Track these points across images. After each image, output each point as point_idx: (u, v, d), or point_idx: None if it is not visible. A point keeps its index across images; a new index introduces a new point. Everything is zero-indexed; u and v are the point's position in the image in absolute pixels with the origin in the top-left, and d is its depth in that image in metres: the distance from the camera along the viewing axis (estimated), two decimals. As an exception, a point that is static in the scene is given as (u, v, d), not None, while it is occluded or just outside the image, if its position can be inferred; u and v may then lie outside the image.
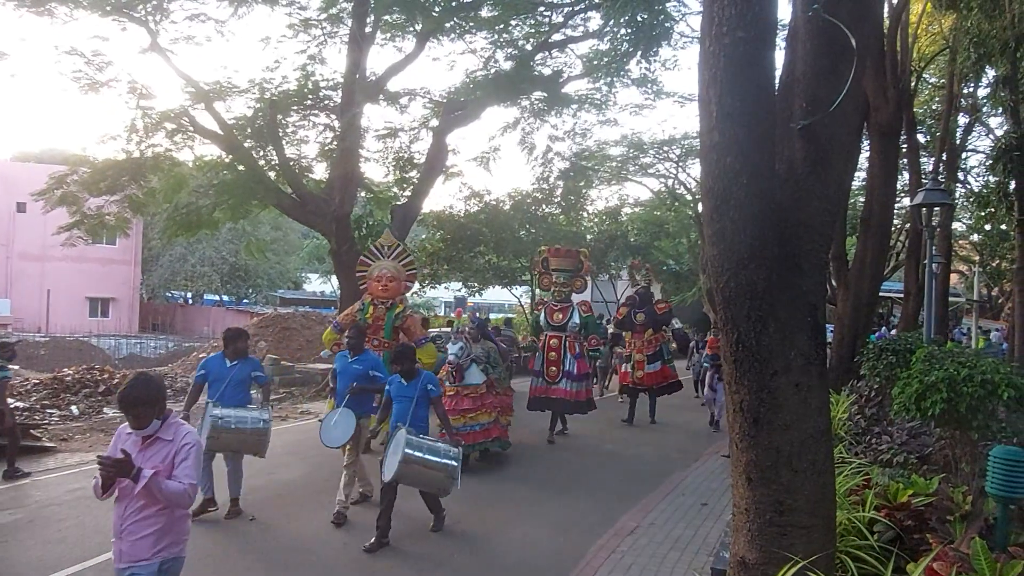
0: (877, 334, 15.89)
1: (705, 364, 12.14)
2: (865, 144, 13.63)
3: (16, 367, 14.04)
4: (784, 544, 3.48)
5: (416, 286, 25.80)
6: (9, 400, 10.56)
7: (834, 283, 12.93)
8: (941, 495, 4.71)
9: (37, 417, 10.82)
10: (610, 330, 14.16)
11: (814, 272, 3.63)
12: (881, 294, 19.68)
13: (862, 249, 12.00)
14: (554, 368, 10.84)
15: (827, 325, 14.07)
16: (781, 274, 3.49)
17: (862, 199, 15.96)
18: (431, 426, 6.38)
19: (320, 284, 50.14)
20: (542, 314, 11.25)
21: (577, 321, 10.91)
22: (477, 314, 12.74)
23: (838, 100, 3.61)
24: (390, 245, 10.18)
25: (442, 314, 41.17)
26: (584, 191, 24.66)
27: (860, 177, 18.72)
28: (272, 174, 14.45)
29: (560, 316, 10.99)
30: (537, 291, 33.00)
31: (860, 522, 4.42)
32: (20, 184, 29.81)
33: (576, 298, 11.49)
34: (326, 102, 14.76)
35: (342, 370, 7.27)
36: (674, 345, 13.45)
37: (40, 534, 6.16)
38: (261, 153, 14.34)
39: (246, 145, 13.90)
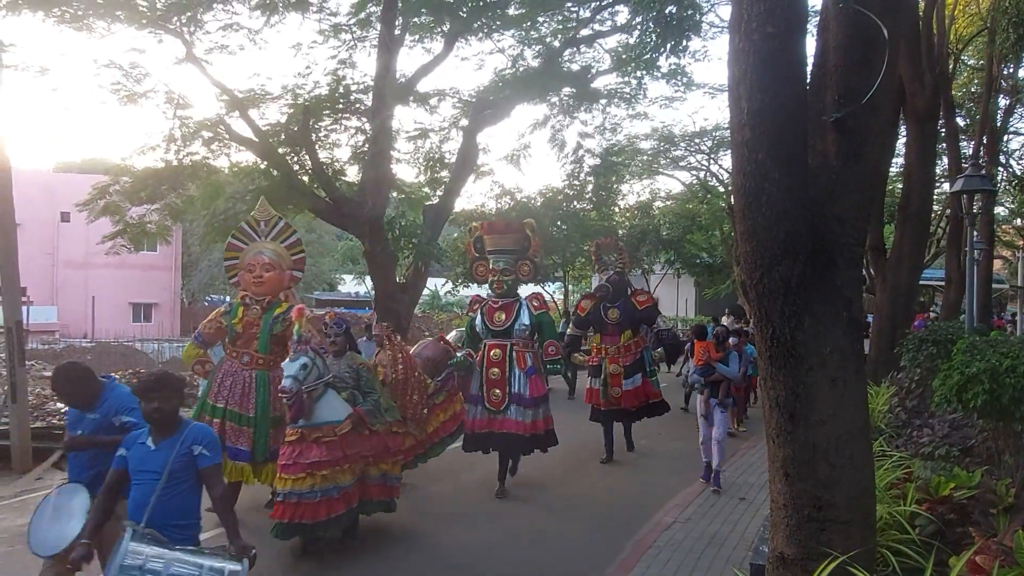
0: (918, 322, 15.56)
1: (694, 379, 8.28)
2: (902, 130, 13.39)
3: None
4: (823, 540, 3.49)
5: (448, 284, 26.13)
6: (60, 405, 10.96)
7: (872, 273, 12.72)
8: (984, 488, 4.65)
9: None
10: (568, 331, 10.32)
11: (849, 266, 3.62)
12: (922, 282, 19.30)
13: (900, 238, 11.80)
14: (498, 391, 7.68)
15: (868, 316, 13.69)
16: (815, 269, 3.48)
17: (900, 186, 15.64)
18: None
19: (355, 285, 50.72)
20: (478, 316, 8.04)
21: (527, 322, 7.87)
22: (340, 314, 8.92)
23: (871, 91, 3.58)
24: (267, 220, 7.26)
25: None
26: (615, 186, 24.56)
27: (898, 163, 18.35)
28: (306, 178, 14.68)
29: (503, 317, 7.87)
30: (550, 285, 32.85)
31: (901, 516, 4.39)
32: (63, 194, 30.68)
33: (524, 291, 8.63)
34: (357, 105, 14.93)
35: (74, 421, 4.18)
36: (657, 355, 9.90)
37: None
38: (295, 158, 14.57)
39: (280, 151, 14.13)
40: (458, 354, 7.83)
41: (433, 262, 15.90)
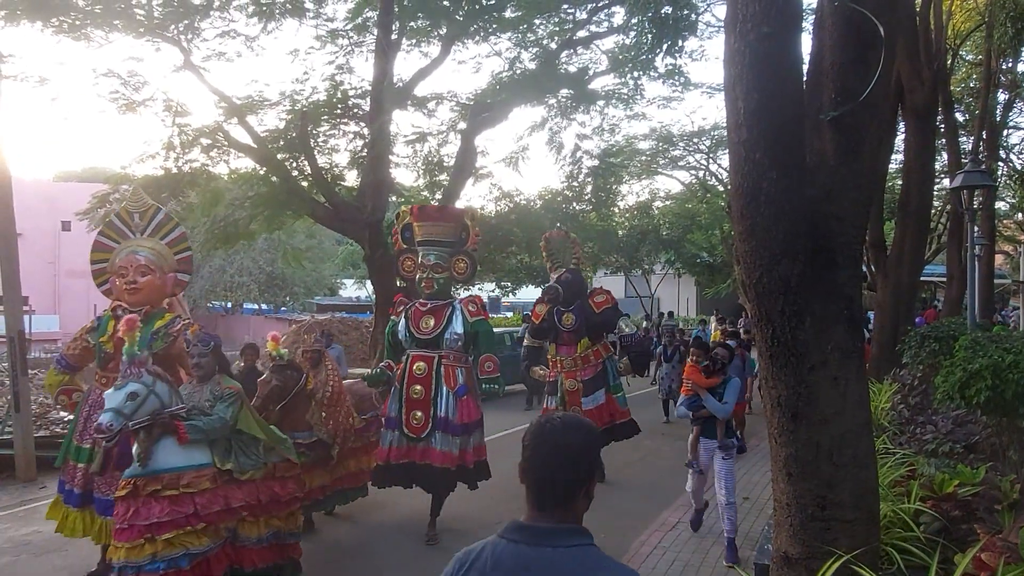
0: (919, 319, 15.54)
1: (681, 412, 6.27)
2: (901, 126, 13.38)
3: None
4: (827, 539, 3.48)
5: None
6: (63, 413, 10.96)
7: (873, 270, 12.70)
8: (988, 484, 4.64)
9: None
10: (525, 343, 8.93)
11: (848, 264, 3.61)
12: (923, 279, 19.28)
13: (901, 234, 11.79)
14: (420, 414, 6.30)
15: (868, 313, 13.67)
16: (815, 268, 3.48)
17: (900, 182, 15.63)
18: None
19: (355, 290, 50.76)
20: (401, 320, 6.63)
21: (459, 331, 6.43)
22: (204, 330, 5.33)
23: (868, 89, 3.58)
24: (142, 212, 5.81)
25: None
26: (614, 187, 24.58)
27: (897, 160, 18.34)
28: (305, 184, 14.71)
29: (431, 323, 6.46)
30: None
31: (905, 514, 4.37)
32: (64, 203, 30.77)
33: (462, 294, 7.63)
34: (355, 110, 14.96)
35: None
36: (622, 365, 8.23)
37: (92, 544, 6.38)
38: (294, 164, 14.60)
39: (279, 157, 14.17)
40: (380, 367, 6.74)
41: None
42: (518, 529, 1.66)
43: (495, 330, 9.12)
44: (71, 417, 6.11)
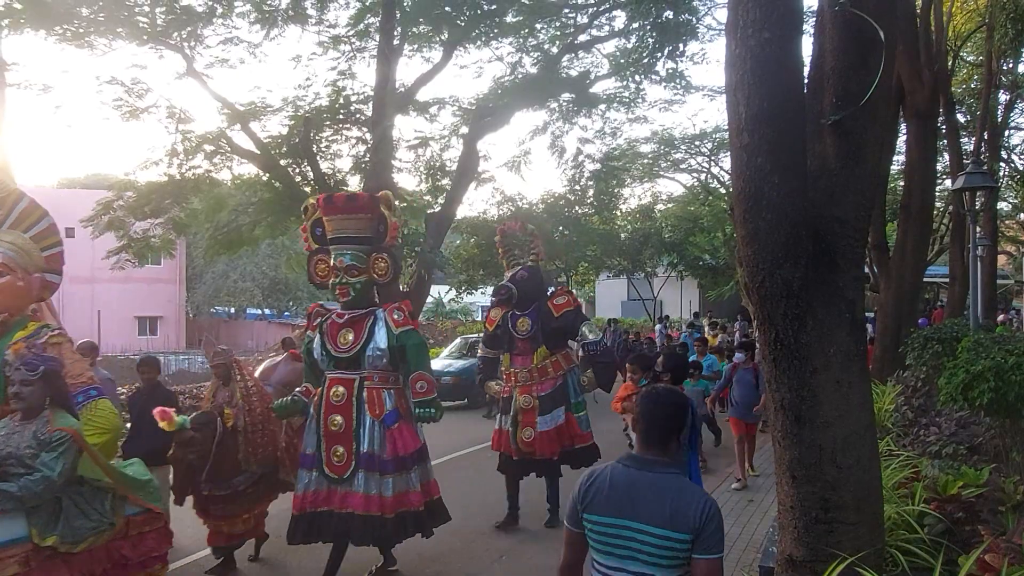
0: (922, 320, 15.54)
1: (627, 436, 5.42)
2: (902, 128, 13.39)
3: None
4: (831, 541, 3.49)
5: (452, 292, 26.20)
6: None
7: (875, 271, 12.70)
8: (992, 486, 4.65)
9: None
10: (479, 353, 7.81)
11: (851, 267, 3.63)
12: (926, 279, 19.28)
13: (903, 236, 11.79)
14: (341, 449, 5.23)
15: (869, 314, 13.69)
16: (817, 271, 3.50)
17: (902, 184, 15.64)
18: None
19: (358, 294, 50.90)
20: (316, 337, 5.51)
21: (383, 346, 5.32)
22: (33, 348, 3.90)
23: (869, 93, 3.60)
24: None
25: (479, 319, 41.43)
26: (616, 190, 24.61)
27: (899, 161, 18.35)
28: (308, 189, 14.75)
29: (349, 338, 5.37)
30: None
31: (909, 515, 4.39)
32: (67, 210, 30.74)
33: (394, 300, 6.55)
34: (357, 116, 15.01)
35: None
36: (586, 379, 6.98)
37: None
38: (297, 169, 14.66)
39: (282, 163, 14.23)
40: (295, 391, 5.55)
41: (436, 270, 15.95)
42: (630, 458, 2.45)
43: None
44: None
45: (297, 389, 5.62)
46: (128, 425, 6.04)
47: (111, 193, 14.48)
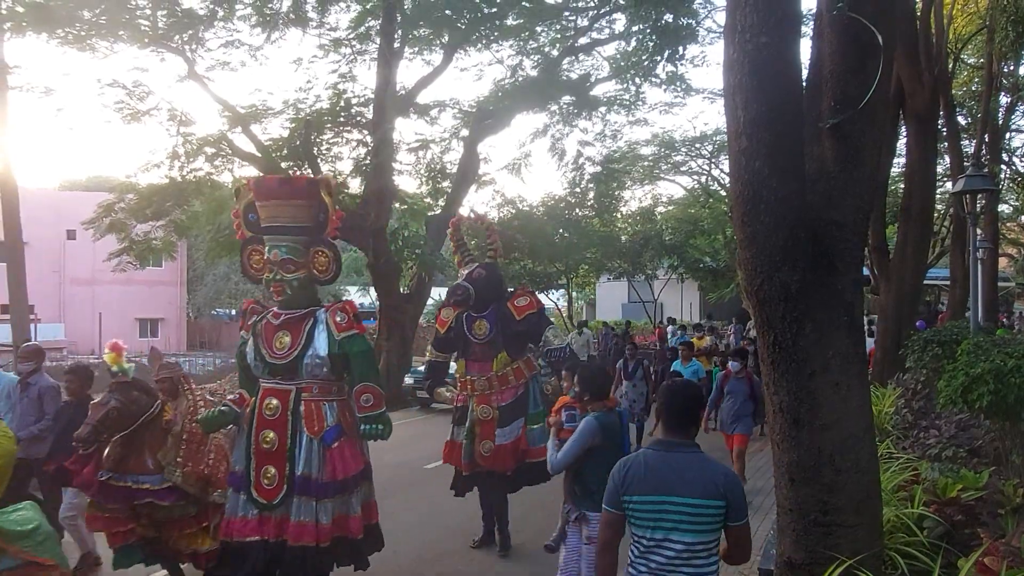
0: (919, 324, 15.53)
1: (555, 462, 4.22)
2: (903, 130, 13.39)
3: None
4: (830, 544, 3.49)
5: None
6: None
7: (875, 274, 12.69)
8: (991, 489, 4.65)
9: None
10: (426, 356, 7.31)
11: (849, 271, 3.64)
12: (927, 282, 19.28)
13: (903, 238, 11.78)
14: (273, 470, 4.54)
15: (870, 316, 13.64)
16: (815, 275, 3.51)
17: (902, 186, 15.65)
18: None
19: (359, 296, 50.88)
20: (250, 340, 4.82)
21: (323, 352, 4.63)
22: None
23: (867, 96, 3.62)
24: None
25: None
26: (617, 193, 24.65)
27: (899, 163, 18.36)
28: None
29: (286, 342, 4.68)
30: (553, 293, 32.50)
31: (909, 518, 4.39)
32: (69, 212, 30.89)
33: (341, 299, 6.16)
34: (358, 118, 15.05)
35: None
36: (550, 388, 6.41)
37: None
38: (298, 172, 14.69)
39: (283, 165, 14.26)
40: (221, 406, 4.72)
41: (436, 272, 15.96)
42: (658, 443, 2.86)
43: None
44: None
45: (229, 397, 4.87)
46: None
47: (113, 195, 14.52)
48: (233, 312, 44.81)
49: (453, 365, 6.71)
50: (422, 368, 14.15)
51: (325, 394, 4.66)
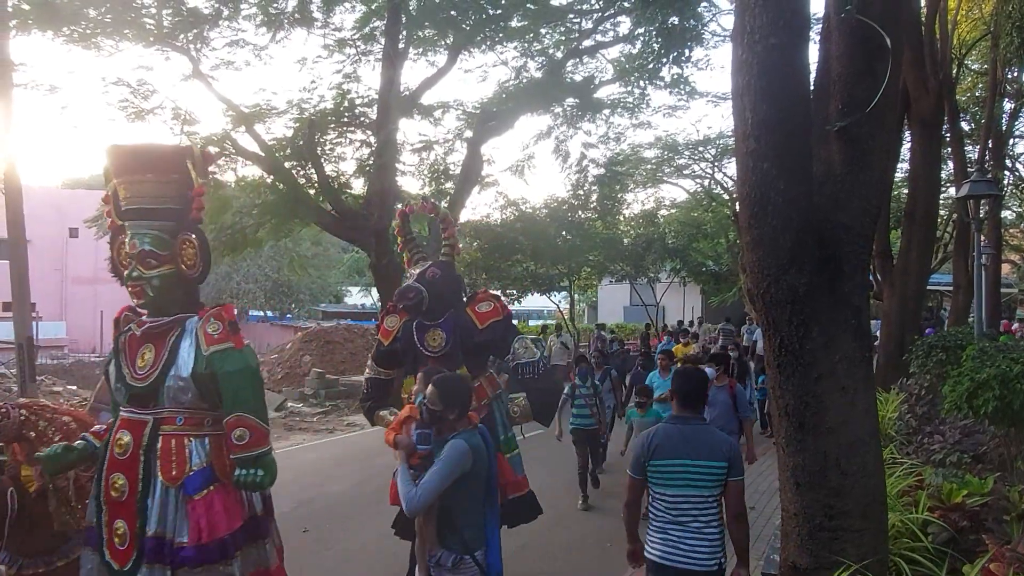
0: (928, 330, 15.51)
1: (412, 501, 3.30)
2: (907, 136, 13.38)
3: (74, 387, 14.61)
4: (835, 548, 3.47)
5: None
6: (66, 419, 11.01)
7: (879, 279, 12.67)
8: (996, 495, 4.62)
9: (97, 435, 11.23)
10: (366, 373, 5.78)
11: (856, 274, 3.62)
12: (930, 287, 19.24)
13: (907, 243, 11.76)
14: (123, 526, 3.37)
15: (874, 320, 13.66)
16: (822, 278, 3.49)
17: (906, 191, 15.63)
18: None
19: (361, 297, 50.90)
20: (112, 361, 3.70)
21: (184, 374, 3.46)
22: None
23: (875, 100, 3.60)
24: None
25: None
26: (619, 195, 24.64)
27: (903, 169, 18.34)
28: (312, 192, 14.78)
29: (149, 358, 3.53)
30: (555, 295, 32.50)
31: (913, 524, 4.37)
32: (72, 211, 30.96)
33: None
34: (362, 119, 15.05)
35: None
36: (518, 409, 5.47)
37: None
38: (301, 172, 14.69)
39: (286, 165, 14.26)
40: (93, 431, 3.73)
41: (439, 273, 15.90)
42: (674, 418, 3.50)
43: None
44: None
45: (95, 427, 3.77)
46: None
47: (115, 194, 14.52)
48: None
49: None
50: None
51: (193, 427, 3.50)
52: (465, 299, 5.52)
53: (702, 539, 3.29)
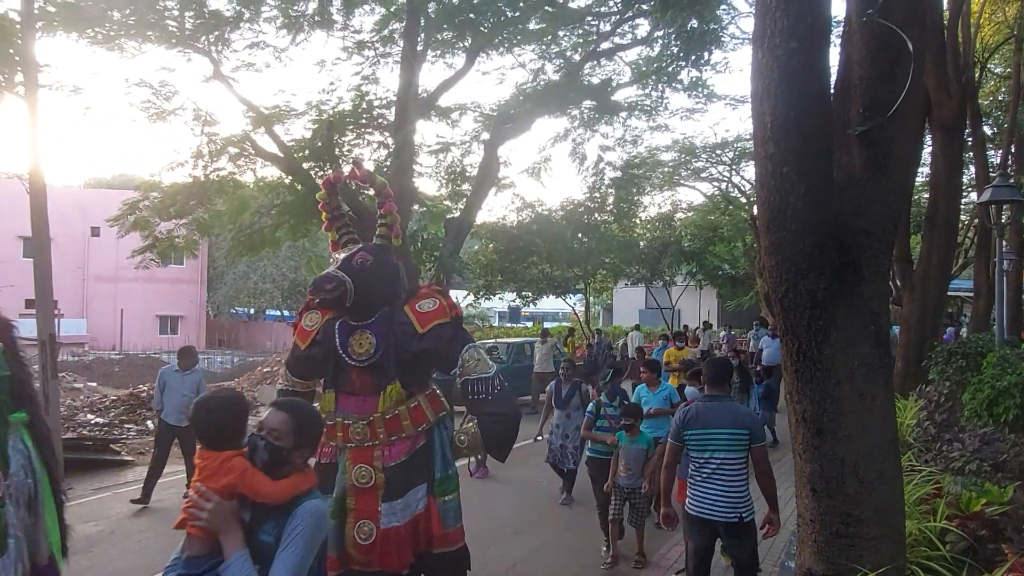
0: (947, 335, 15.33)
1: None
2: (928, 140, 13.25)
3: (94, 384, 14.81)
4: (852, 556, 3.45)
5: (470, 297, 26.30)
6: (90, 416, 11.16)
7: (899, 284, 12.55)
8: (1016, 504, 4.57)
9: (116, 432, 11.38)
10: (278, 384, 4.74)
11: (876, 279, 3.60)
12: (950, 293, 19.01)
13: (927, 249, 11.64)
14: None
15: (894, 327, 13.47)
16: (842, 283, 3.47)
17: (927, 196, 15.47)
18: None
19: (376, 297, 51.15)
20: None
21: None
22: None
23: (897, 103, 3.58)
24: None
25: (496, 324, 41.47)
26: (636, 198, 24.58)
27: (924, 173, 18.15)
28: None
29: None
30: (571, 297, 31.90)
31: (931, 532, 4.33)
32: (94, 209, 31.36)
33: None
34: (380, 120, 15.12)
35: None
36: (465, 438, 4.08)
37: (121, 544, 6.50)
38: (319, 173, 14.77)
39: (305, 166, 14.35)
40: None
41: (455, 275, 15.99)
42: (706, 397, 4.34)
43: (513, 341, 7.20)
44: (99, 420, 5.61)
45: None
46: None
47: (137, 193, 14.68)
48: (252, 311, 45.26)
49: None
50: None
51: None
52: (406, 294, 4.19)
53: (729, 494, 4.05)
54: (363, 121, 15.01)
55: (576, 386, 7.89)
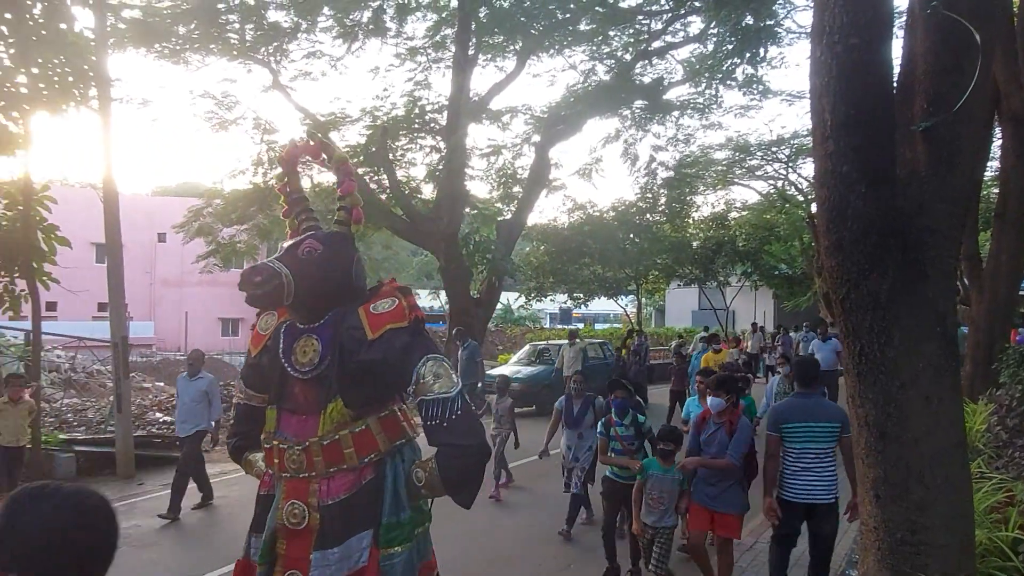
0: (1019, 337, 14.64)
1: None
2: (997, 132, 12.72)
3: (162, 384, 15.40)
4: (918, 564, 3.36)
5: (521, 299, 26.39)
6: (159, 414, 11.62)
7: (967, 283, 12.08)
8: (1098, 514, 4.36)
9: (183, 430, 11.80)
10: (235, 397, 3.87)
11: (941, 278, 3.49)
12: (1022, 292, 18.18)
13: (997, 246, 11.17)
14: None
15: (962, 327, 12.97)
16: (905, 282, 3.38)
17: (995, 190, 14.84)
18: None
19: (429, 299, 51.69)
20: None
21: None
22: None
23: (963, 98, 3.47)
24: None
25: (547, 326, 41.45)
26: (688, 198, 24.27)
27: (993, 167, 17.41)
28: (384, 197, 15.16)
29: None
30: (623, 299, 31.35)
31: (1002, 542, 4.17)
32: (160, 216, 32.63)
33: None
34: (432, 125, 15.34)
35: None
36: (423, 475, 2.92)
37: (187, 539, 6.75)
38: (373, 178, 15.08)
39: (360, 171, 14.66)
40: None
41: (506, 276, 16.08)
42: (797, 394, 4.86)
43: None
44: (168, 419, 5.93)
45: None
46: None
47: (201, 201, 15.27)
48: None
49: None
50: (493, 373, 13.88)
51: None
52: (363, 294, 3.26)
53: (826, 479, 4.54)
54: (416, 126, 15.25)
55: (589, 402, 6.90)
